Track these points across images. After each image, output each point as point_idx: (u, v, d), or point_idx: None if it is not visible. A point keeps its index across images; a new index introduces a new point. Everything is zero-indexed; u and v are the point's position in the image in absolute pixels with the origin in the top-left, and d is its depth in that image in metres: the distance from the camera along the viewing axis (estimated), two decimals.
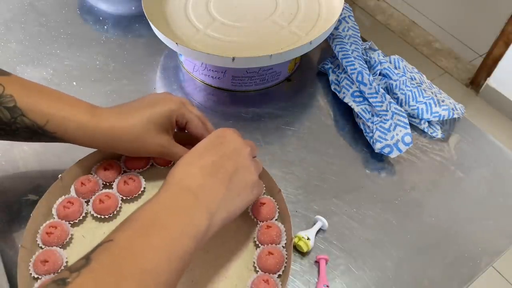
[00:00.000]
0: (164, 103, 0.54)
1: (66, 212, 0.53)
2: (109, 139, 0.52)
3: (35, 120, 0.49)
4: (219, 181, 0.45)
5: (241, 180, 0.47)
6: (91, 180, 0.55)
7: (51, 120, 0.50)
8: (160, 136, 0.54)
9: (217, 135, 0.49)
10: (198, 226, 0.42)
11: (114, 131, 0.51)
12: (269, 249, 0.51)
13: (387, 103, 0.67)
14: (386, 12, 2.45)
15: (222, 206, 0.45)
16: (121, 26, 0.83)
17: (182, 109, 0.54)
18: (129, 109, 0.53)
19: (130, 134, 0.52)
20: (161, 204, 0.43)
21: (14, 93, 0.49)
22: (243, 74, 0.72)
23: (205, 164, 0.46)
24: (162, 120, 0.53)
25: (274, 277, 0.50)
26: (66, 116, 0.50)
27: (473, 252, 0.59)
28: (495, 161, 0.69)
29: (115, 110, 0.53)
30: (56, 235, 0.51)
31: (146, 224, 0.40)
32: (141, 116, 0.52)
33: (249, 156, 0.49)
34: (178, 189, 0.44)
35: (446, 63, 2.22)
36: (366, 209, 0.61)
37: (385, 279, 0.56)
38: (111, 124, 0.51)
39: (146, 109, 0.53)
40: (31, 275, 0.49)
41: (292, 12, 0.74)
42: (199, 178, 0.45)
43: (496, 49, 1.93)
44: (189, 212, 0.42)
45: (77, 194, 0.55)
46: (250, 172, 0.49)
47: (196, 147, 0.48)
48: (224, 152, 0.48)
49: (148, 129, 0.52)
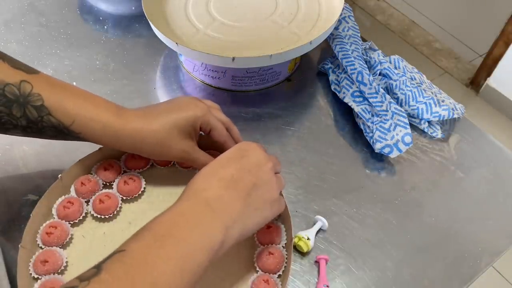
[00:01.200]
0: (189, 108, 0.53)
1: (66, 212, 0.53)
2: (133, 141, 0.52)
3: (61, 120, 0.50)
4: (237, 195, 0.45)
5: (260, 195, 0.46)
6: (91, 180, 0.55)
7: (77, 120, 0.50)
8: (184, 141, 0.53)
9: (240, 148, 0.49)
10: (213, 240, 0.41)
11: (138, 134, 0.51)
12: (269, 249, 0.51)
13: (387, 103, 0.67)
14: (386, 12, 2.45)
15: (239, 221, 0.44)
16: (121, 26, 0.83)
17: (207, 115, 0.54)
18: (155, 112, 0.53)
19: (154, 137, 0.52)
20: (178, 214, 0.42)
21: (41, 92, 0.49)
22: (243, 74, 0.72)
23: (224, 176, 0.45)
24: (186, 125, 0.53)
25: (274, 277, 0.50)
26: (92, 116, 0.50)
27: (473, 252, 0.59)
28: (495, 161, 0.69)
29: (140, 113, 0.53)
30: (56, 235, 0.51)
31: (161, 234, 0.40)
32: (166, 120, 0.52)
33: (271, 171, 0.48)
34: (196, 201, 0.43)
35: (446, 63, 2.22)
36: (366, 209, 0.61)
37: (385, 279, 0.56)
38: (135, 127, 0.51)
39: (172, 113, 0.53)
40: (31, 275, 0.49)
41: (292, 12, 0.74)
42: (217, 190, 0.44)
43: (496, 49, 1.93)
44: (205, 225, 0.42)
45: (77, 194, 0.55)
46: (271, 188, 0.47)
47: (219, 158, 0.48)
48: (245, 166, 0.47)
49: (172, 134, 0.52)
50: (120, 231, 0.54)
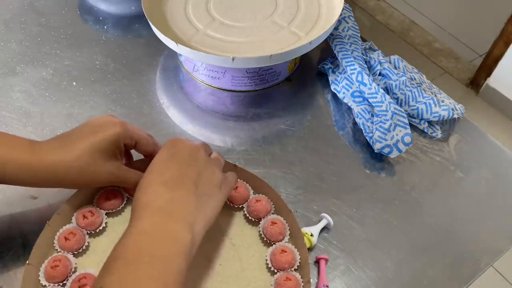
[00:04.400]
0: (107, 127, 0.50)
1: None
2: (54, 176, 0.48)
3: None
4: (186, 190, 0.45)
5: (206, 183, 0.47)
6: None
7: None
8: (108, 163, 0.50)
9: (167, 147, 0.49)
10: (183, 242, 0.41)
11: (58, 167, 0.48)
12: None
13: (387, 103, 0.67)
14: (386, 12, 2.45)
15: (198, 214, 0.44)
16: (121, 26, 0.83)
17: (128, 130, 0.51)
18: (71, 139, 0.49)
19: (75, 167, 0.48)
20: (140, 233, 0.41)
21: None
22: (243, 74, 0.72)
23: (167, 179, 0.45)
24: (108, 146, 0.49)
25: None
26: (4, 158, 0.46)
27: (473, 252, 0.59)
28: (495, 161, 0.69)
29: (56, 144, 0.49)
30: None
31: (132, 259, 0.39)
32: (84, 145, 0.48)
33: (206, 156, 0.49)
34: (151, 213, 0.43)
35: (446, 63, 2.22)
36: (366, 209, 0.61)
37: (385, 279, 0.56)
38: (53, 160, 0.48)
39: (89, 137, 0.49)
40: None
41: (292, 12, 0.74)
42: (166, 195, 0.44)
43: (496, 49, 1.93)
44: (170, 233, 0.42)
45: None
46: (213, 172, 0.48)
47: (153, 164, 0.47)
48: (180, 161, 0.47)
49: (93, 159, 0.49)
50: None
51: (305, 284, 0.50)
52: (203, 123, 0.70)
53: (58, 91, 0.72)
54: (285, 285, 0.49)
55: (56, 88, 0.72)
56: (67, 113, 0.69)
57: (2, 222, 0.56)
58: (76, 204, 0.54)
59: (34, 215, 0.57)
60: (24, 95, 0.70)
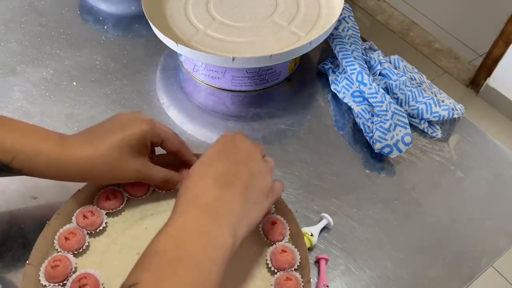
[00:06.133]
0: (135, 124, 0.50)
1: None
2: (82, 171, 0.48)
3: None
4: (236, 191, 0.43)
5: (257, 187, 0.45)
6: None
7: (18, 156, 0.46)
8: (136, 160, 0.50)
9: (225, 140, 0.47)
10: (224, 247, 0.40)
11: (86, 162, 0.48)
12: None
13: (387, 103, 0.67)
14: (386, 12, 2.45)
15: (243, 218, 0.42)
16: (121, 26, 0.83)
17: (155, 127, 0.51)
18: (99, 135, 0.49)
19: (103, 162, 0.48)
20: (182, 231, 0.40)
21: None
22: (243, 74, 0.72)
23: (218, 174, 0.43)
24: (135, 142, 0.50)
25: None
26: (34, 151, 0.47)
27: (473, 252, 0.59)
28: (495, 161, 0.69)
29: (84, 138, 0.49)
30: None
31: (171, 258, 0.38)
32: (113, 141, 0.49)
33: (262, 159, 0.47)
34: (196, 210, 0.41)
35: (446, 63, 2.22)
36: (366, 209, 0.61)
37: (385, 279, 0.56)
38: (82, 155, 0.48)
39: (118, 132, 0.49)
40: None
41: (292, 12, 0.74)
42: (214, 191, 0.42)
43: (496, 49, 1.93)
44: (213, 235, 0.40)
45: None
46: (265, 177, 0.46)
47: (206, 155, 0.46)
48: (236, 158, 0.45)
49: (121, 155, 0.49)
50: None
51: (305, 284, 0.50)
52: (203, 123, 0.70)
53: (58, 91, 0.72)
54: (285, 285, 0.49)
55: (56, 88, 0.72)
56: (67, 113, 0.69)
57: (2, 222, 0.56)
58: (76, 204, 0.54)
59: (34, 215, 0.57)
60: (24, 95, 0.70)
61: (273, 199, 0.48)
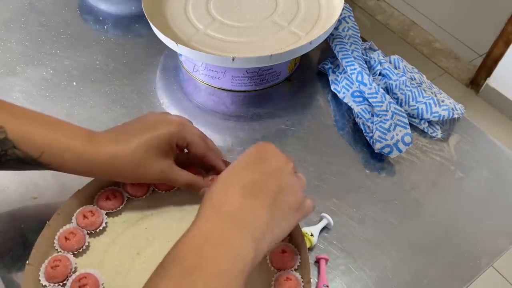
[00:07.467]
0: (163, 126, 0.51)
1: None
2: (109, 168, 0.49)
3: (28, 152, 0.46)
4: (262, 202, 0.41)
5: (285, 201, 0.43)
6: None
7: (47, 151, 0.46)
8: (161, 161, 0.51)
9: (257, 151, 0.45)
10: (245, 259, 0.38)
11: (114, 159, 0.49)
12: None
13: (387, 103, 0.67)
14: (386, 12, 2.45)
15: (267, 231, 0.41)
16: (121, 26, 0.83)
17: (182, 131, 0.51)
18: (128, 133, 0.50)
19: (130, 161, 0.49)
20: (202, 238, 0.39)
21: (5, 124, 0.45)
22: (243, 74, 0.72)
23: (245, 183, 0.42)
24: (162, 144, 0.50)
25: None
26: (63, 147, 0.47)
27: (473, 252, 0.59)
28: (495, 161, 0.69)
29: (113, 136, 0.50)
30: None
31: (191, 267, 0.37)
32: (141, 141, 0.49)
33: (294, 173, 0.45)
34: (219, 218, 0.40)
35: (446, 63, 2.22)
36: (366, 209, 0.61)
37: (385, 279, 0.56)
38: (110, 152, 0.48)
39: (145, 133, 0.50)
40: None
41: (292, 12, 0.74)
42: (239, 200, 0.41)
43: (496, 49, 1.93)
44: (234, 246, 0.39)
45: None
46: (295, 192, 0.44)
47: (236, 164, 0.44)
48: (266, 170, 0.43)
49: (148, 155, 0.49)
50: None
51: (305, 284, 0.50)
52: (203, 123, 0.70)
53: (58, 91, 0.72)
54: (285, 285, 0.49)
55: (56, 88, 0.72)
56: (67, 113, 0.69)
57: (2, 222, 0.56)
58: (76, 204, 0.54)
59: (34, 215, 0.57)
60: (24, 95, 0.70)
61: (302, 216, 0.46)
